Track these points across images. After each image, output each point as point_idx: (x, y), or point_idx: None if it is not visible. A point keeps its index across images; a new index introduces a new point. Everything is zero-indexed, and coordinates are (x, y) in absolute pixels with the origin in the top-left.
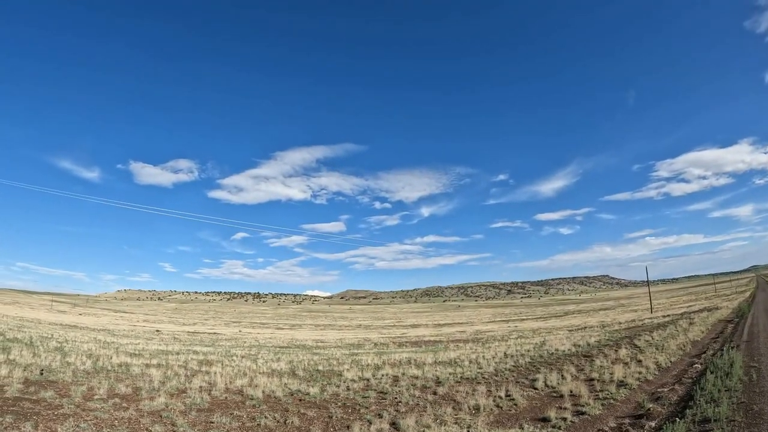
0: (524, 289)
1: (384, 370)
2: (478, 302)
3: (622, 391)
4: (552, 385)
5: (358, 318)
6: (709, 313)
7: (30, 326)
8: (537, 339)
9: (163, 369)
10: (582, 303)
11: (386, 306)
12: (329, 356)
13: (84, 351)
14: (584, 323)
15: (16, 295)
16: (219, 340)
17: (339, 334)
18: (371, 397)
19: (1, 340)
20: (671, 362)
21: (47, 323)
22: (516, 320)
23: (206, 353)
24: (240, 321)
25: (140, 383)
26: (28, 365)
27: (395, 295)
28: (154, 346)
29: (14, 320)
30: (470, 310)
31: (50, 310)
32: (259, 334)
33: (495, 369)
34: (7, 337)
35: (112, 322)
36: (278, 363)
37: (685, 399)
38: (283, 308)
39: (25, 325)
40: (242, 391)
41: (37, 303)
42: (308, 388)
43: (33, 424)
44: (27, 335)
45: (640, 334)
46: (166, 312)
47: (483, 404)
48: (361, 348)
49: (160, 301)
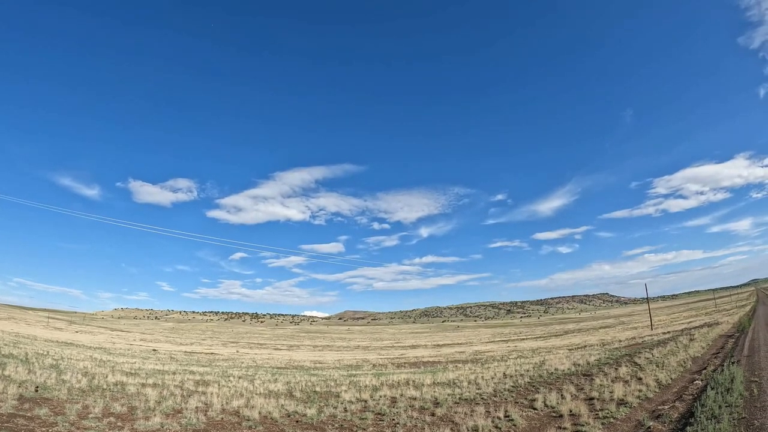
0: (523, 309)
1: (382, 391)
2: (477, 322)
3: (623, 409)
4: (551, 405)
5: (356, 339)
6: (710, 329)
7: (26, 342)
8: (536, 359)
9: (159, 389)
10: (582, 321)
11: (385, 327)
12: (327, 377)
13: (80, 369)
14: (584, 342)
15: (12, 311)
16: (216, 361)
17: (337, 355)
18: (369, 419)
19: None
20: (672, 379)
21: (43, 340)
22: (515, 340)
23: (203, 373)
24: (237, 341)
25: (136, 402)
26: (23, 382)
27: (394, 315)
28: (150, 365)
29: (10, 336)
30: (469, 330)
31: (46, 326)
32: (256, 354)
33: (494, 389)
34: (2, 353)
35: (108, 341)
36: (275, 384)
37: (686, 416)
38: (281, 329)
39: (21, 341)
40: (239, 412)
41: (33, 319)
42: (305, 410)
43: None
44: (23, 351)
45: (640, 352)
46: (163, 331)
47: (481, 425)
48: (359, 369)
49: (157, 320)
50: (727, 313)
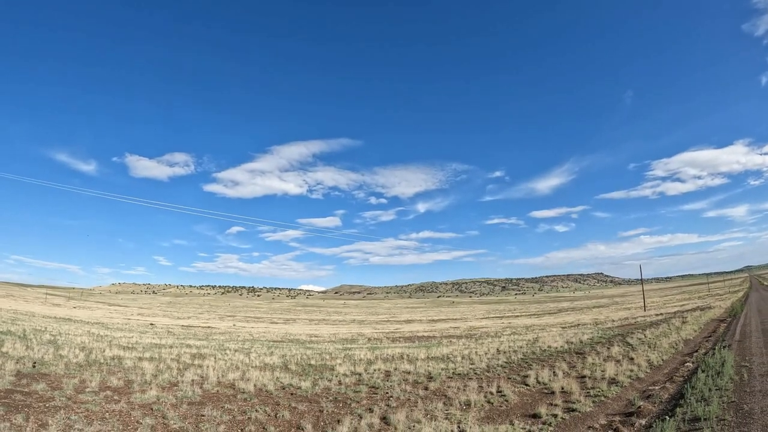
0: (518, 286)
1: (376, 365)
2: (473, 298)
3: (614, 388)
4: (543, 382)
5: (352, 313)
6: (702, 312)
7: (24, 319)
8: (530, 336)
9: (156, 362)
10: (576, 300)
11: (380, 301)
12: (322, 351)
13: (77, 344)
14: (577, 320)
15: (10, 288)
16: (213, 334)
17: (333, 329)
18: (363, 392)
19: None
20: (663, 360)
21: (41, 316)
22: (510, 317)
23: (199, 347)
24: (234, 315)
25: (132, 376)
26: (20, 358)
27: (390, 290)
28: (147, 339)
29: (8, 313)
30: (464, 306)
31: (44, 303)
32: (253, 328)
33: (487, 365)
34: (0, 330)
35: (106, 316)
36: (271, 357)
37: (676, 397)
38: (278, 302)
39: (19, 318)
40: (234, 385)
41: (31, 296)
42: (300, 383)
43: (24, 417)
44: (20, 328)
45: (632, 332)
46: (160, 305)
47: (474, 400)
48: (354, 343)
49: (154, 295)
50: (720, 298)
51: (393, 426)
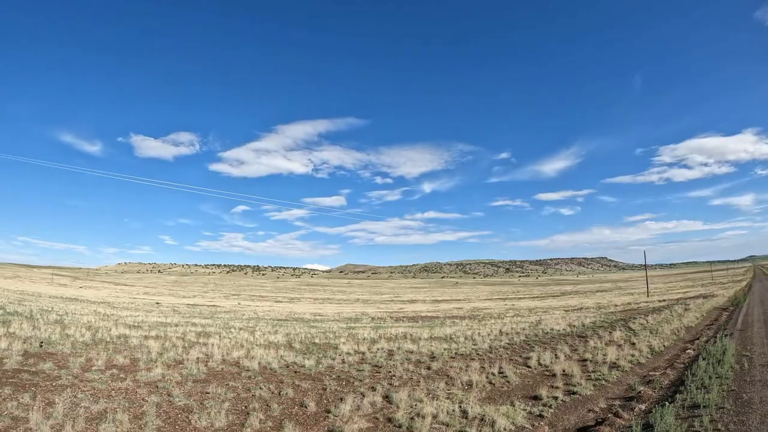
0: (522, 268)
1: (380, 344)
2: (476, 279)
3: (614, 372)
4: (545, 364)
5: (356, 292)
6: (705, 300)
7: (31, 300)
8: (533, 318)
9: (161, 341)
10: (579, 284)
11: (385, 281)
12: (326, 329)
13: (83, 323)
14: (580, 304)
15: (17, 269)
16: (218, 313)
17: (337, 308)
18: (366, 371)
19: (1, 313)
20: (665, 347)
21: (48, 297)
22: (513, 298)
23: (204, 325)
24: (239, 294)
25: (138, 354)
26: (27, 338)
27: (394, 270)
28: (153, 318)
29: (15, 294)
30: (468, 287)
31: (51, 283)
32: (257, 306)
33: (490, 346)
34: (7, 311)
35: (112, 295)
36: (275, 335)
37: (676, 384)
38: (283, 281)
39: (26, 298)
40: (239, 363)
41: (38, 277)
42: (304, 361)
43: (31, 395)
44: (27, 309)
45: (635, 317)
46: (166, 285)
47: (476, 380)
48: (358, 322)
49: (160, 274)
50: (723, 286)
51: (395, 405)
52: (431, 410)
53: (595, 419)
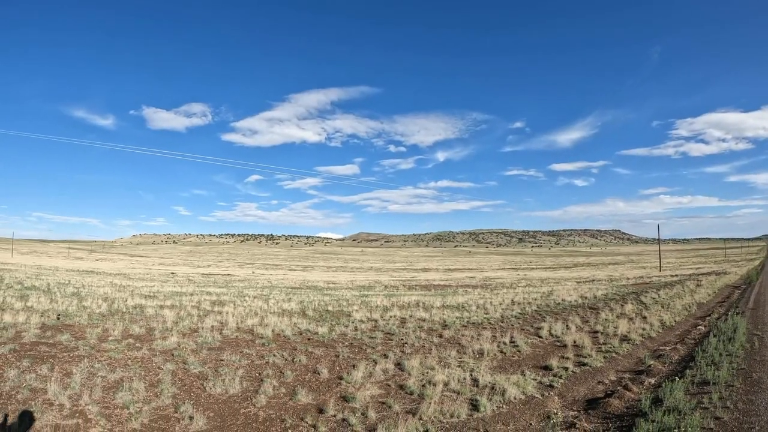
0: (535, 239)
1: (392, 312)
2: (489, 249)
3: (625, 345)
4: (556, 335)
5: (369, 260)
6: (717, 277)
7: (47, 274)
8: (545, 288)
9: (177, 310)
10: (592, 256)
11: (398, 249)
12: (339, 297)
13: (100, 295)
14: (593, 276)
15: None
16: (232, 282)
17: (350, 276)
18: (378, 338)
19: (19, 288)
20: (675, 321)
21: (64, 270)
22: (525, 269)
23: (219, 294)
24: (253, 262)
25: (153, 324)
26: (45, 311)
27: (407, 238)
28: (168, 288)
29: (32, 269)
30: (481, 256)
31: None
32: (271, 275)
33: (501, 315)
34: (25, 285)
35: (128, 267)
36: (289, 303)
37: (686, 359)
38: (296, 250)
39: (43, 273)
40: (253, 330)
41: (54, 251)
42: (317, 328)
43: (49, 367)
44: (44, 282)
45: (647, 291)
46: (181, 255)
47: (487, 349)
48: (371, 290)
49: (175, 245)
50: (736, 264)
51: (407, 372)
52: (442, 378)
53: (605, 391)
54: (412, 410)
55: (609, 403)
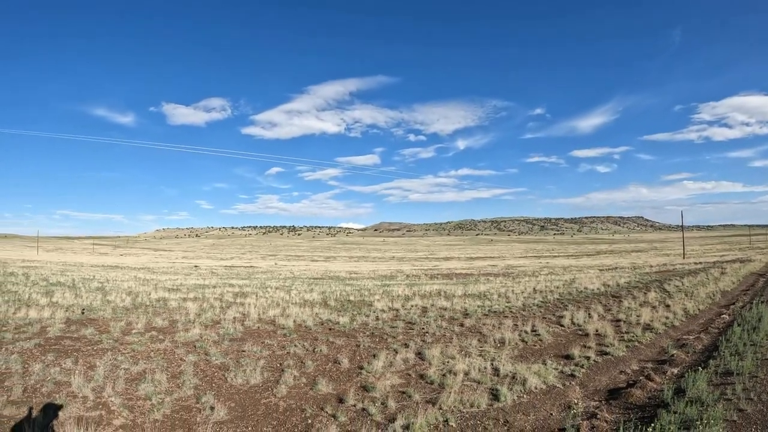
0: (557, 226)
1: (414, 301)
2: (511, 237)
3: (648, 334)
4: (578, 323)
5: (391, 250)
6: (742, 265)
7: (72, 270)
8: (567, 276)
9: (200, 302)
10: (615, 243)
11: (419, 238)
12: (361, 287)
13: (124, 289)
14: (615, 264)
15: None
16: (255, 273)
17: (372, 266)
18: (399, 327)
19: (44, 284)
20: (699, 310)
21: (89, 266)
22: (547, 257)
23: (242, 286)
24: (276, 254)
25: (176, 316)
26: (69, 306)
27: (429, 227)
28: (191, 280)
29: (57, 266)
30: (502, 244)
31: (92, 253)
32: (294, 266)
33: (523, 304)
34: (50, 282)
35: (151, 261)
36: (311, 294)
37: (710, 349)
38: (318, 241)
39: (68, 269)
40: (274, 321)
41: (79, 247)
42: (338, 318)
43: (73, 360)
44: (69, 278)
45: (670, 279)
46: (204, 248)
47: (508, 338)
48: (393, 279)
49: (197, 238)
50: (762, 251)
51: (428, 361)
52: (463, 367)
53: (627, 381)
54: (432, 400)
55: (631, 394)
